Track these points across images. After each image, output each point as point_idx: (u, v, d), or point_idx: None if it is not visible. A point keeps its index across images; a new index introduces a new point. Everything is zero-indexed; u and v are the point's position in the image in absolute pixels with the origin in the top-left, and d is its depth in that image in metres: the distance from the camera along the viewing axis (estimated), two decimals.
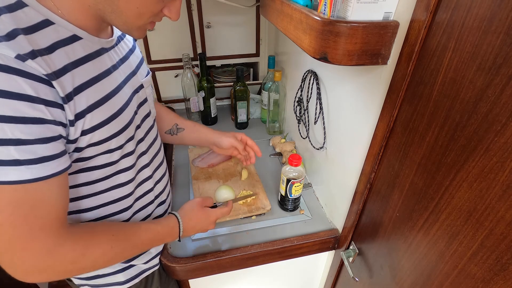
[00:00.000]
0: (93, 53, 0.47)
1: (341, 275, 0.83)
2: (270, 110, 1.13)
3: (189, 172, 1.00)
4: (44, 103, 0.38)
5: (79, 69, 0.44)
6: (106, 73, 0.49)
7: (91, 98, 0.45)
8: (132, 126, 0.54)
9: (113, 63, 0.51)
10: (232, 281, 0.88)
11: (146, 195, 0.64)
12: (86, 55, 0.45)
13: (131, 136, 0.54)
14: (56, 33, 0.41)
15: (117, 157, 0.52)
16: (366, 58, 0.47)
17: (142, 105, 0.60)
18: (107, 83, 0.49)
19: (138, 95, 0.58)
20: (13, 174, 0.37)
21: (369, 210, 0.64)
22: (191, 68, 1.14)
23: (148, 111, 0.63)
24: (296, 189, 0.79)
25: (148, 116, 0.63)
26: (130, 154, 0.56)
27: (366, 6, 0.43)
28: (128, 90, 0.54)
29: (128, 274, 0.64)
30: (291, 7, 0.54)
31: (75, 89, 0.43)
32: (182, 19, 1.15)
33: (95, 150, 0.48)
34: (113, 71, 0.51)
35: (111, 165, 0.52)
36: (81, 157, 0.47)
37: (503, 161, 0.33)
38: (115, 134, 0.50)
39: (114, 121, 0.49)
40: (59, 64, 0.41)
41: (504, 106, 0.32)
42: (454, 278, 0.42)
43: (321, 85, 0.79)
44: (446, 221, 0.42)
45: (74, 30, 0.44)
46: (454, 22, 0.37)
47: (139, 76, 0.59)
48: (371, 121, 0.57)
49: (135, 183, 0.60)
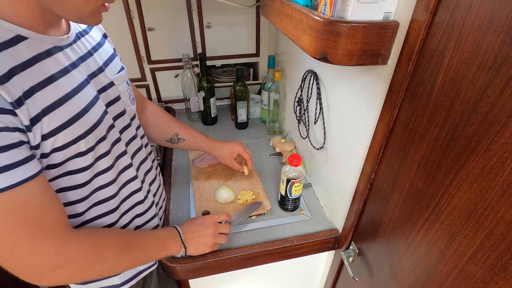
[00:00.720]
0: (44, 52, 0.44)
1: (341, 275, 0.83)
2: (270, 110, 1.13)
3: (189, 172, 1.00)
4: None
5: (27, 71, 0.40)
6: (62, 72, 0.45)
7: (45, 100, 0.42)
8: (103, 126, 0.51)
9: (71, 61, 0.48)
10: (232, 281, 0.88)
11: (133, 195, 0.62)
12: (34, 56, 0.42)
13: (102, 136, 0.51)
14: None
15: (91, 159, 0.50)
16: (366, 58, 0.47)
17: (113, 103, 0.56)
18: (65, 83, 0.45)
19: (107, 94, 0.55)
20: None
21: (369, 210, 0.64)
22: (191, 68, 1.14)
23: (122, 109, 0.59)
24: (296, 189, 0.79)
25: (123, 115, 0.59)
26: (106, 155, 0.53)
27: (366, 6, 0.43)
28: (93, 89, 0.51)
29: (124, 276, 0.63)
30: (291, 7, 0.54)
31: (26, 93, 0.40)
32: (182, 19, 1.15)
33: (63, 154, 0.46)
34: (71, 69, 0.47)
35: (87, 169, 0.50)
36: (52, 163, 0.45)
37: (503, 161, 0.33)
38: (81, 135, 0.47)
39: (78, 122, 0.46)
40: (3, 68, 0.38)
41: (504, 106, 0.32)
42: (454, 278, 0.42)
43: (321, 85, 0.79)
44: (446, 221, 0.42)
45: (17, 30, 0.40)
46: (454, 22, 0.37)
47: (107, 73, 0.56)
48: (371, 121, 0.57)
49: (118, 184, 0.58)
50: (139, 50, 1.18)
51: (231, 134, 1.21)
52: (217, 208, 0.84)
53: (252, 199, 0.87)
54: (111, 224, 0.58)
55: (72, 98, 0.46)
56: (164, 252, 0.62)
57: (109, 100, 0.55)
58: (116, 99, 0.58)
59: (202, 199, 0.87)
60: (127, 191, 0.61)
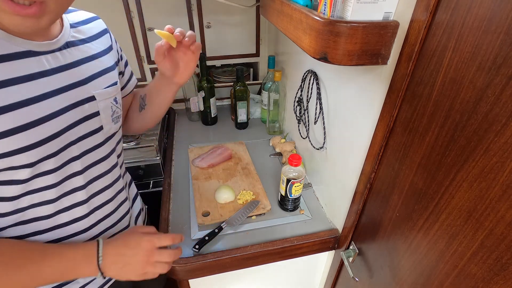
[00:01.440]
0: (11, 54, 0.41)
1: (341, 275, 0.83)
2: (270, 110, 1.13)
3: (189, 172, 1.00)
4: None
5: None
6: (25, 78, 0.42)
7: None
8: (56, 142, 0.47)
9: (44, 68, 0.45)
10: (232, 281, 0.88)
11: (74, 223, 0.55)
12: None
13: (50, 153, 0.47)
14: None
15: (27, 175, 0.45)
16: (366, 58, 0.47)
17: (88, 119, 0.52)
18: (24, 89, 0.42)
19: (83, 108, 0.51)
20: None
21: (369, 210, 0.64)
22: None
23: (97, 126, 0.54)
24: (296, 189, 0.79)
25: (96, 133, 0.54)
26: (50, 173, 0.48)
27: (366, 6, 0.43)
28: (61, 101, 0.47)
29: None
30: (291, 7, 0.54)
31: None
32: (182, 19, 1.15)
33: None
34: (39, 77, 0.44)
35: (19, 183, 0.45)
36: None
37: (503, 161, 0.33)
38: (21, 149, 0.43)
39: (20, 135, 0.42)
40: None
41: (504, 106, 0.32)
42: (454, 278, 0.42)
43: (321, 85, 0.79)
44: (446, 221, 0.42)
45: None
46: (454, 22, 0.37)
47: (89, 87, 0.52)
48: (371, 121, 0.57)
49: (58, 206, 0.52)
50: (139, 50, 1.18)
51: (231, 134, 1.21)
52: (217, 208, 0.84)
53: (252, 199, 0.87)
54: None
55: (22, 108, 0.42)
56: (71, 277, 0.52)
57: (83, 115, 0.51)
58: (94, 115, 0.53)
59: (202, 199, 0.87)
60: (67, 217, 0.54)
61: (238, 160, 1.04)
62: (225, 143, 1.13)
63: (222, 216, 0.82)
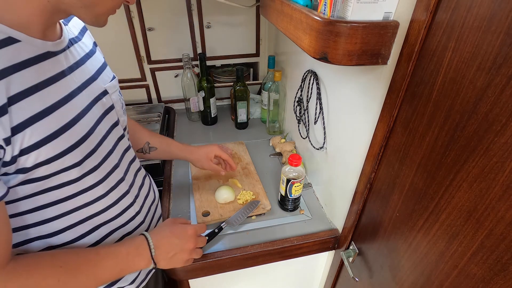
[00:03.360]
0: (35, 57, 0.41)
1: (341, 275, 0.83)
2: (270, 110, 1.13)
3: (189, 172, 0.99)
4: None
5: (15, 76, 0.37)
6: (52, 79, 0.43)
7: (31, 109, 0.39)
8: (92, 138, 0.48)
9: (63, 68, 0.46)
10: (232, 281, 0.88)
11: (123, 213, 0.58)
12: (24, 60, 0.39)
13: (90, 150, 0.48)
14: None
15: (77, 174, 0.47)
16: (366, 58, 0.47)
17: (108, 112, 0.54)
18: (54, 91, 0.43)
19: (102, 102, 0.53)
20: None
21: (369, 210, 0.64)
22: (191, 68, 1.14)
23: (116, 119, 0.57)
24: (296, 189, 0.79)
25: (117, 125, 0.57)
26: (94, 170, 0.50)
27: (366, 6, 0.43)
28: (86, 98, 0.49)
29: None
30: (291, 7, 0.54)
31: (10, 99, 0.37)
32: (182, 19, 1.15)
33: (44, 169, 0.42)
34: (62, 77, 0.45)
35: (71, 183, 0.47)
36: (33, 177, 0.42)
37: (503, 161, 0.33)
38: (67, 150, 0.44)
39: (64, 135, 0.43)
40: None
41: (504, 106, 0.32)
42: (454, 278, 0.42)
43: (321, 85, 0.79)
44: (446, 221, 0.42)
45: (9, 31, 0.38)
46: (454, 22, 0.37)
47: (100, 82, 0.54)
48: (371, 121, 0.57)
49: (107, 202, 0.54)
50: (139, 50, 1.18)
51: (231, 134, 1.21)
52: (217, 208, 0.84)
53: (252, 199, 0.87)
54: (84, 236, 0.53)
55: (59, 109, 0.43)
56: (128, 271, 0.54)
57: (104, 109, 0.53)
58: (110, 108, 0.55)
59: (202, 199, 0.87)
60: (117, 210, 0.57)
61: (238, 160, 1.04)
62: (225, 143, 1.13)
63: (222, 216, 0.82)
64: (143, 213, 0.64)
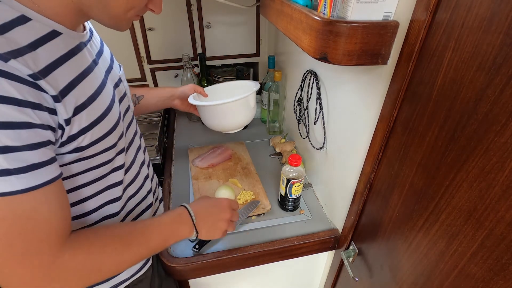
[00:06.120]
0: (75, 48, 0.45)
1: (341, 275, 0.83)
2: (270, 110, 1.13)
3: (189, 172, 1.00)
4: (31, 107, 0.36)
5: (64, 66, 0.41)
6: (89, 68, 0.47)
7: (83, 95, 0.44)
8: (121, 121, 0.53)
9: (93, 58, 0.50)
10: (232, 281, 0.88)
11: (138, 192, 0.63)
12: (68, 51, 0.43)
13: (122, 133, 0.53)
14: (34, 29, 0.39)
15: (113, 155, 0.52)
16: (366, 58, 0.46)
17: (123, 99, 0.58)
18: (93, 79, 0.47)
19: (119, 89, 0.57)
20: (3, 186, 0.34)
21: (369, 210, 0.64)
22: (191, 68, 1.14)
23: (128, 105, 0.61)
24: (296, 189, 0.79)
25: (128, 111, 0.61)
26: (122, 151, 0.55)
27: (366, 6, 0.43)
28: (110, 85, 0.53)
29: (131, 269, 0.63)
30: (291, 7, 0.54)
31: (67, 86, 0.41)
32: (182, 19, 1.15)
33: (94, 149, 0.47)
34: (94, 66, 0.49)
35: (107, 163, 0.51)
36: (83, 157, 0.46)
37: (503, 161, 0.33)
38: (109, 131, 0.49)
39: (107, 118, 0.48)
40: (43, 62, 0.38)
41: (504, 106, 0.32)
42: (454, 278, 0.42)
43: (321, 85, 0.79)
44: (446, 221, 0.42)
45: (53, 25, 0.41)
46: (454, 22, 0.37)
47: (116, 70, 0.58)
48: (371, 121, 0.57)
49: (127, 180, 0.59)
50: (139, 50, 1.18)
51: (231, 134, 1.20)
52: None
53: (252, 199, 0.87)
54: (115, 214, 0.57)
55: (100, 94, 0.47)
56: (173, 239, 0.57)
57: (120, 95, 0.57)
58: (124, 94, 0.59)
59: None
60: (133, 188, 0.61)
61: (238, 160, 1.04)
62: (225, 143, 1.13)
63: None
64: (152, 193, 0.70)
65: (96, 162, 0.49)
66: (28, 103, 0.35)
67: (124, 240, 0.49)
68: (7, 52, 0.34)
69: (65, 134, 0.41)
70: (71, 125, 0.42)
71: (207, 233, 0.62)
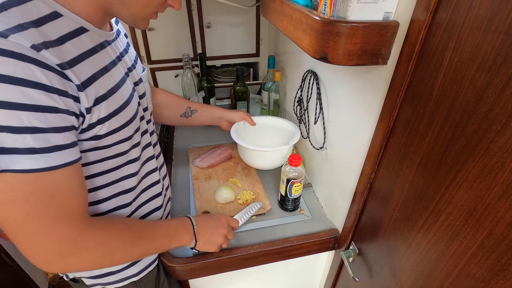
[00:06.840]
0: (99, 45, 0.49)
1: (341, 275, 0.83)
2: (270, 110, 1.13)
3: (189, 172, 1.00)
4: (57, 93, 0.39)
5: (88, 60, 0.45)
6: (112, 64, 0.50)
7: (104, 87, 0.47)
8: (138, 117, 0.56)
9: (116, 55, 0.53)
10: (232, 281, 0.88)
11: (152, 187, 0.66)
12: (93, 47, 0.47)
13: (137, 127, 0.56)
14: (64, 25, 0.42)
15: (128, 147, 0.54)
16: (366, 58, 0.47)
17: (142, 98, 0.61)
18: (114, 74, 0.50)
19: (138, 88, 0.60)
20: (29, 163, 0.37)
21: (369, 210, 0.64)
22: (191, 68, 1.14)
23: (146, 105, 0.64)
24: (296, 189, 0.79)
25: (147, 110, 0.64)
26: (137, 145, 0.58)
27: (366, 6, 0.43)
28: (130, 82, 0.56)
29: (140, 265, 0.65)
30: (291, 7, 0.54)
31: (90, 78, 0.44)
32: (182, 19, 1.15)
33: (112, 138, 0.50)
34: (117, 63, 0.52)
35: (122, 155, 0.54)
36: (99, 145, 0.49)
37: (503, 161, 0.33)
38: (125, 123, 0.52)
39: (124, 111, 0.51)
40: (69, 55, 0.42)
41: (504, 106, 0.32)
42: (454, 278, 0.42)
43: (321, 85, 0.79)
44: (446, 221, 0.42)
45: (82, 22, 0.45)
46: (454, 22, 0.37)
47: (137, 70, 0.62)
48: (371, 121, 0.57)
49: (140, 175, 0.62)
50: (139, 50, 1.18)
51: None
52: (217, 208, 0.84)
53: (252, 199, 0.87)
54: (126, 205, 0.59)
55: (120, 89, 0.51)
56: (175, 243, 0.61)
57: (139, 95, 0.60)
58: (143, 95, 0.63)
59: (202, 199, 0.87)
60: (147, 182, 0.65)
61: (238, 160, 1.04)
62: (225, 143, 1.13)
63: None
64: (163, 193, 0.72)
65: (112, 153, 0.52)
66: (55, 90, 0.39)
67: (137, 233, 0.53)
68: (40, 43, 0.38)
69: (85, 121, 0.44)
70: (91, 114, 0.44)
71: (204, 244, 0.66)
